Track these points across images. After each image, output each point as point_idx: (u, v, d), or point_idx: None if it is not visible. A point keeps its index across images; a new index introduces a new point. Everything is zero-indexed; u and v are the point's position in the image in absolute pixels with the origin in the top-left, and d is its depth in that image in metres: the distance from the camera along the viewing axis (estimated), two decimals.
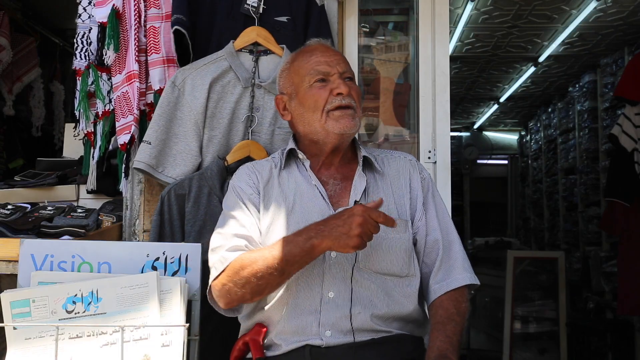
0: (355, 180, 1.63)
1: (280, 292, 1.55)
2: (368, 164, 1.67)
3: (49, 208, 2.22)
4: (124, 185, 2.14)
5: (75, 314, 1.55)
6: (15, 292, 1.56)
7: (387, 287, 1.55)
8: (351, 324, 1.50)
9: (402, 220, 1.60)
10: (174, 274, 1.66)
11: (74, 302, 1.56)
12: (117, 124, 2.15)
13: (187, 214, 1.93)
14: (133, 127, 2.08)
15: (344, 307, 1.50)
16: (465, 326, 1.58)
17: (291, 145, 1.68)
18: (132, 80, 2.10)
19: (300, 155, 1.66)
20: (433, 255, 1.62)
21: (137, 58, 2.11)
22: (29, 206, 2.23)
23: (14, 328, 1.52)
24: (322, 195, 1.60)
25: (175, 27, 2.00)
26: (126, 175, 2.12)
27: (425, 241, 1.64)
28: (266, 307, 1.57)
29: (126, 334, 1.52)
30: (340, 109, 1.59)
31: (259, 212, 1.62)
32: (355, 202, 1.55)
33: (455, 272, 1.61)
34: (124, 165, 2.11)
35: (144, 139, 1.98)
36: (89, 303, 1.55)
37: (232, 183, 1.69)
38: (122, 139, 2.10)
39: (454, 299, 1.57)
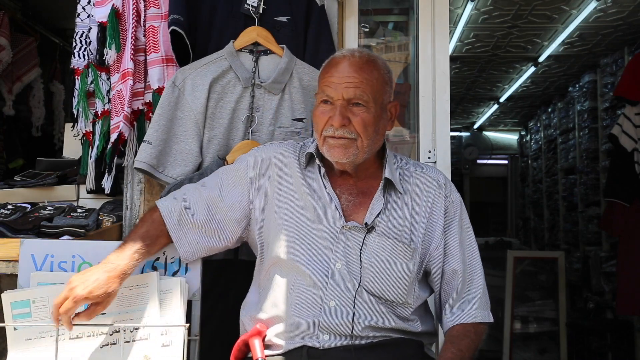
0: (374, 201, 1.59)
1: (282, 293, 1.55)
2: (390, 183, 1.61)
3: (49, 208, 2.21)
4: (106, 181, 2.18)
5: (75, 314, 1.55)
6: (15, 292, 1.56)
7: (386, 308, 1.54)
8: (350, 331, 1.50)
9: (411, 248, 1.57)
10: (174, 274, 1.66)
11: None
12: (112, 122, 2.16)
13: None
14: (122, 125, 2.07)
15: (344, 316, 1.50)
16: (480, 346, 1.56)
17: (312, 149, 1.63)
18: (126, 78, 2.10)
19: (318, 161, 1.62)
20: (453, 285, 1.60)
21: (132, 57, 2.10)
22: (29, 206, 2.23)
23: (15, 329, 1.52)
24: (335, 206, 1.58)
25: (172, 27, 2.00)
26: (109, 172, 2.16)
27: (443, 270, 1.60)
28: (267, 307, 1.58)
29: (126, 335, 1.52)
30: (334, 139, 1.55)
31: (251, 196, 1.63)
32: (366, 224, 1.56)
33: (469, 307, 1.58)
34: (108, 162, 2.15)
35: (144, 138, 1.98)
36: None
37: (252, 153, 1.71)
38: (112, 137, 2.12)
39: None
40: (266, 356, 1.54)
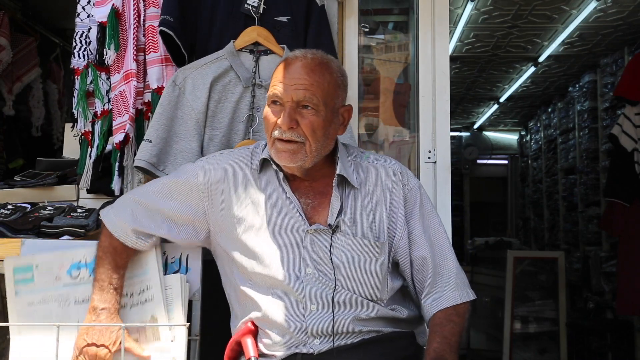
0: (332, 200, 1.55)
1: (263, 305, 1.53)
2: (344, 179, 1.57)
3: (49, 208, 2.21)
4: (116, 184, 2.15)
5: (80, 279, 1.58)
6: (18, 258, 1.58)
7: (363, 302, 1.53)
8: (337, 330, 1.49)
9: (378, 243, 1.55)
10: (174, 273, 1.66)
11: (79, 268, 1.57)
12: (114, 123, 2.16)
13: None
14: (128, 126, 2.08)
15: (329, 317, 1.49)
16: (466, 326, 1.55)
17: (265, 154, 1.58)
18: (130, 79, 2.11)
19: (274, 166, 1.57)
20: (424, 272, 1.57)
21: (135, 57, 2.11)
22: (29, 206, 2.23)
23: (16, 294, 1.53)
24: (297, 210, 1.55)
25: (161, 28, 2.01)
26: (120, 174, 2.13)
27: (411, 259, 1.58)
28: (254, 319, 1.56)
29: (134, 298, 1.57)
30: (281, 142, 1.51)
31: (206, 210, 1.59)
32: (329, 225, 1.53)
33: (446, 291, 1.55)
34: (117, 164, 2.13)
35: (145, 137, 1.98)
36: (94, 268, 1.56)
37: (201, 166, 1.64)
38: (117, 138, 2.11)
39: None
40: None
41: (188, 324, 1.56)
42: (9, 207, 2.17)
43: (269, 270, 1.52)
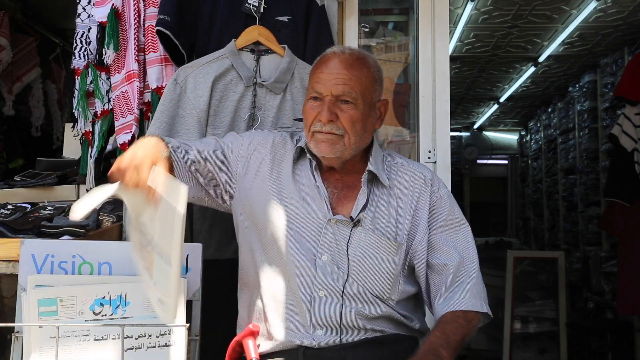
0: (359, 194, 1.59)
1: (273, 288, 1.55)
2: (375, 176, 1.61)
3: (49, 208, 2.21)
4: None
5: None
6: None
7: (371, 299, 1.54)
8: (341, 323, 1.50)
9: (396, 243, 1.57)
10: None
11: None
12: (117, 124, 2.16)
13: (195, 212, 1.93)
14: (134, 127, 2.08)
15: (335, 306, 1.51)
16: (472, 336, 1.53)
17: (302, 143, 1.64)
18: (132, 79, 2.11)
19: (309, 155, 1.63)
20: (444, 277, 1.58)
21: (136, 57, 2.11)
22: (29, 206, 2.23)
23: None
24: (324, 198, 1.59)
25: (157, 27, 2.02)
26: None
27: (433, 264, 1.59)
28: (259, 304, 1.58)
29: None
30: (321, 134, 1.56)
31: (236, 175, 1.64)
32: (351, 218, 1.56)
33: (459, 296, 1.55)
34: None
35: (145, 136, 1.98)
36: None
37: (250, 134, 1.73)
38: (123, 138, 2.11)
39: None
40: (262, 356, 1.53)
41: (188, 324, 1.56)
42: (9, 207, 2.17)
43: (287, 249, 1.55)
